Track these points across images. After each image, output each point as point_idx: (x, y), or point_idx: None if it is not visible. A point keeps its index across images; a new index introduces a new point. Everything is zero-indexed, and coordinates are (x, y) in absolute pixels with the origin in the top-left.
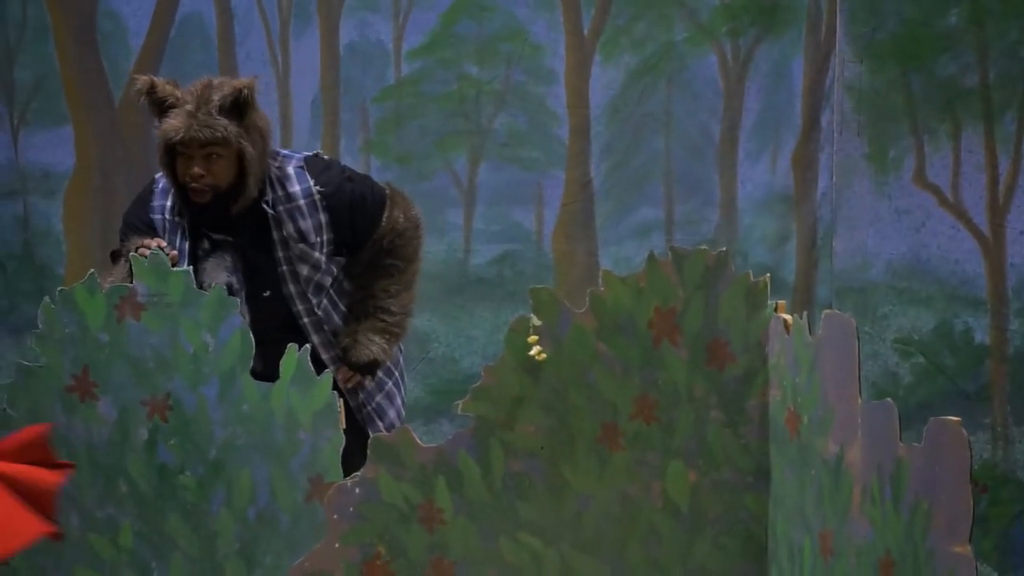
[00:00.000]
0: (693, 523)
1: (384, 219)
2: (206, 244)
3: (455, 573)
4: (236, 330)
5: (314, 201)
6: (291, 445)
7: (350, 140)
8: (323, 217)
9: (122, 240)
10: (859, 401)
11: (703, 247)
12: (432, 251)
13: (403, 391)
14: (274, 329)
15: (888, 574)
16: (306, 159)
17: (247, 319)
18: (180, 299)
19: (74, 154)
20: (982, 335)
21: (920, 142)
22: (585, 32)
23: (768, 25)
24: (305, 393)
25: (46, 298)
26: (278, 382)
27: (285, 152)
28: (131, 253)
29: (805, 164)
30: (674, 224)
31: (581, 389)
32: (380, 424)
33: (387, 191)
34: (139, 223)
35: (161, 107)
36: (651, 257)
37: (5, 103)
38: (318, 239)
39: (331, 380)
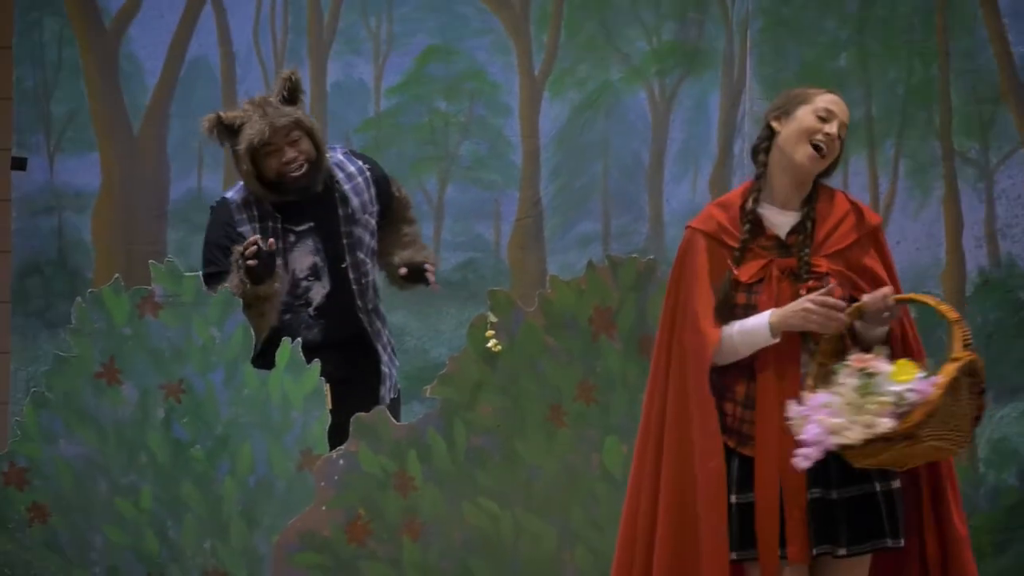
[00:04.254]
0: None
1: (396, 192)
2: (291, 238)
3: (425, 532)
4: (239, 326)
5: (367, 177)
6: (285, 423)
7: None
8: (373, 191)
9: (209, 262)
10: None
11: (635, 256)
12: None
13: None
14: (343, 298)
15: None
16: (344, 148)
17: (328, 290)
18: (192, 299)
19: (100, 176)
20: None
21: None
22: (536, 73)
23: (690, 67)
24: (297, 379)
25: (78, 298)
26: (274, 370)
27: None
28: (236, 260)
29: (720, 186)
30: (611, 236)
31: (531, 376)
32: (387, 384)
33: None
34: (226, 241)
35: (231, 130)
36: (590, 264)
37: (43, 132)
38: (373, 208)
39: (319, 368)
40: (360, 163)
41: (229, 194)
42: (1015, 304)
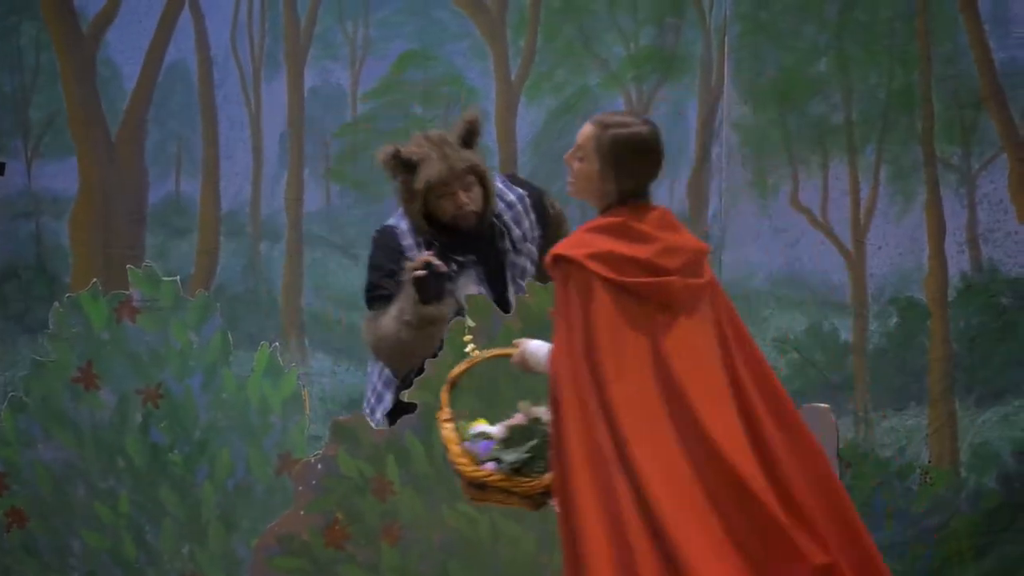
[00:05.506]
0: None
1: (551, 208)
2: (454, 266)
3: (403, 536)
4: (217, 331)
5: (526, 204)
6: (264, 427)
7: (313, 169)
8: (533, 216)
9: (375, 287)
10: None
11: None
12: None
13: None
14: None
15: None
16: (503, 176)
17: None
18: (170, 304)
19: (78, 181)
20: (846, 334)
21: (795, 171)
22: (513, 78)
23: (667, 72)
24: (276, 383)
25: (56, 303)
26: (252, 374)
27: None
28: (408, 276)
29: (698, 190)
30: None
31: (508, 380)
32: None
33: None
34: (393, 266)
35: (408, 165)
36: None
37: (21, 137)
38: (535, 234)
39: (296, 373)
40: (520, 190)
41: (391, 221)
42: (997, 309)
